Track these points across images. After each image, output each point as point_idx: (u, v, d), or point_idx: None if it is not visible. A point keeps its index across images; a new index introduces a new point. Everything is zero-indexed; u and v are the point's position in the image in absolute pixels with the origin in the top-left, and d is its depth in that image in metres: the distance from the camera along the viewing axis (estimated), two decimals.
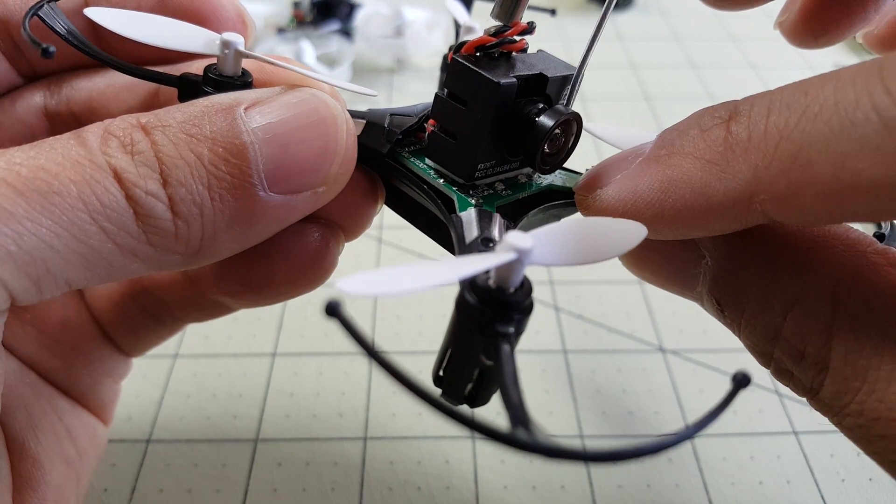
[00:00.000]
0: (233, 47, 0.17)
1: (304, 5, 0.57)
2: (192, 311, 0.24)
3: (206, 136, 0.15)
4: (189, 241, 0.16)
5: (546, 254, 0.14)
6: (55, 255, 0.14)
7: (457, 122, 0.18)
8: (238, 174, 0.15)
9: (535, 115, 0.18)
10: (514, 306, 0.14)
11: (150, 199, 0.15)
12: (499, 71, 0.17)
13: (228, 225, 0.16)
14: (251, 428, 0.31)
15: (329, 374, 0.33)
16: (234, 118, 0.16)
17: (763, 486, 0.29)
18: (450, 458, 0.30)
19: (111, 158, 0.15)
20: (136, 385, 0.32)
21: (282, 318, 0.36)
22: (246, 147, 0.15)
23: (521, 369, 0.34)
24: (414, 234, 0.40)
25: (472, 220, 0.17)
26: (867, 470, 0.30)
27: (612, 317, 0.36)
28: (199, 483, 0.29)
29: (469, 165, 0.18)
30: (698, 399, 0.32)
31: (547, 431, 0.12)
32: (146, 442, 0.30)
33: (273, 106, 0.16)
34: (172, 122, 0.15)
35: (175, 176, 0.15)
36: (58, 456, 0.21)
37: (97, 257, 0.15)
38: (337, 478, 0.29)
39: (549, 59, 0.19)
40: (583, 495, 0.29)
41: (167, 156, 0.15)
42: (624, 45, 0.61)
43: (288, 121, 0.16)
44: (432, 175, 0.19)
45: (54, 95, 0.20)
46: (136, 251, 0.15)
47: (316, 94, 0.17)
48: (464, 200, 0.18)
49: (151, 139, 0.15)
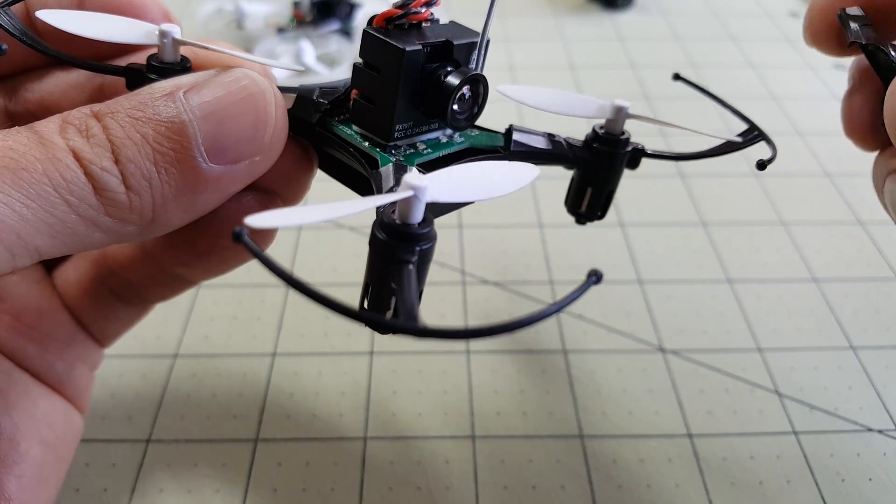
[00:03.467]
0: (170, 36, 0.20)
1: (304, 5, 0.57)
2: (155, 287, 0.26)
3: (150, 118, 0.18)
4: (142, 211, 0.18)
5: (441, 192, 0.16)
6: (26, 225, 0.16)
7: (373, 88, 0.20)
8: (180, 149, 0.18)
9: (443, 77, 0.20)
10: (416, 238, 0.16)
11: (104, 174, 0.17)
12: (407, 40, 0.19)
13: (176, 195, 0.18)
14: (251, 428, 0.31)
15: (329, 374, 0.33)
16: (175, 101, 0.18)
17: (763, 486, 0.29)
18: (450, 458, 0.30)
19: (69, 141, 0.17)
20: (136, 385, 0.32)
21: (282, 318, 0.36)
22: (185, 124, 0.18)
23: (521, 369, 0.34)
24: None
25: (389, 174, 0.19)
26: (867, 470, 0.30)
27: (612, 317, 0.36)
28: (199, 483, 0.29)
29: (387, 126, 0.20)
30: (698, 399, 0.32)
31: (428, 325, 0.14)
32: (146, 442, 0.30)
33: (208, 86, 0.18)
34: (120, 108, 0.18)
35: (125, 154, 0.17)
36: (34, 437, 0.22)
37: (63, 227, 0.17)
38: (337, 478, 0.29)
39: (457, 28, 0.21)
40: (583, 495, 0.29)
41: (117, 137, 0.17)
42: (624, 45, 0.61)
43: (222, 98, 0.18)
44: (358, 139, 0.21)
45: (12, 97, 0.22)
46: (97, 221, 0.17)
47: (247, 73, 0.19)
48: (385, 158, 0.20)
49: (103, 124, 0.17)
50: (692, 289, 0.38)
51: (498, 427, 0.31)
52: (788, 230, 0.41)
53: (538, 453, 0.30)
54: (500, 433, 0.31)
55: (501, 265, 0.39)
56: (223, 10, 0.57)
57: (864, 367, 0.34)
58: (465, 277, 0.38)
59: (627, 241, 0.40)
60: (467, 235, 0.41)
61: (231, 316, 0.36)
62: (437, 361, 0.34)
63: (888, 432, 0.31)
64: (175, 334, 0.35)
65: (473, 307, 0.37)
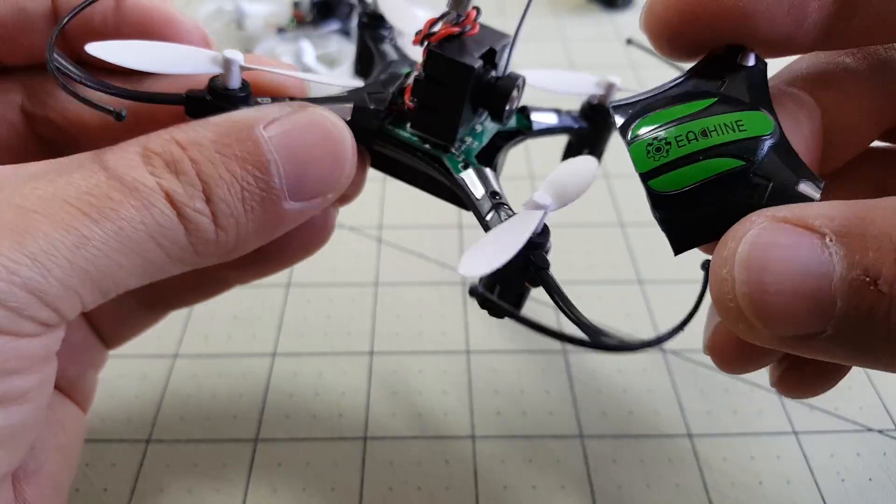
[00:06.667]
0: (237, 64, 0.19)
1: (304, 5, 0.57)
2: (189, 292, 0.26)
3: (237, 155, 0.18)
4: (226, 246, 0.18)
5: (553, 202, 0.18)
6: (121, 270, 0.17)
7: (437, 98, 0.21)
8: (266, 188, 0.18)
9: (493, 81, 0.21)
10: (543, 246, 0.19)
11: (197, 215, 0.17)
12: (466, 54, 0.20)
13: (256, 230, 0.19)
14: (251, 428, 0.31)
15: (329, 374, 0.33)
16: (257, 138, 0.18)
17: (763, 486, 0.29)
18: (450, 458, 0.30)
19: (161, 180, 0.17)
20: (136, 385, 0.32)
21: (282, 318, 0.36)
22: (270, 164, 0.18)
23: (521, 369, 0.34)
24: (414, 234, 0.41)
25: (473, 179, 0.21)
26: (867, 470, 0.30)
27: (612, 317, 0.36)
28: (199, 483, 0.29)
29: (452, 132, 0.21)
30: (698, 399, 0.32)
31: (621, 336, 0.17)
32: (146, 442, 0.30)
33: (287, 125, 0.19)
34: (205, 141, 0.18)
35: (217, 193, 0.17)
36: (52, 445, 0.22)
37: (152, 267, 0.17)
38: (337, 478, 0.29)
39: (490, 33, 0.22)
40: (583, 495, 0.29)
41: (209, 175, 0.17)
42: (624, 45, 0.61)
43: (303, 139, 0.19)
44: (417, 141, 0.22)
45: (31, 97, 0.22)
46: (184, 258, 0.18)
47: (325, 115, 0.20)
48: (454, 160, 0.22)
49: (190, 157, 0.17)
50: (692, 289, 0.38)
51: (498, 427, 0.31)
52: None
53: (538, 453, 0.30)
54: (500, 433, 0.31)
55: None
56: (223, 10, 0.57)
57: None
58: (465, 277, 0.38)
59: (627, 241, 0.40)
60: (467, 235, 0.41)
61: (231, 316, 0.36)
62: (437, 361, 0.34)
63: (888, 432, 0.31)
64: (175, 334, 0.35)
65: (473, 307, 0.37)
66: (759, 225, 0.16)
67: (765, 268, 0.15)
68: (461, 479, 0.29)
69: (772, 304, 0.15)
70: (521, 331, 0.35)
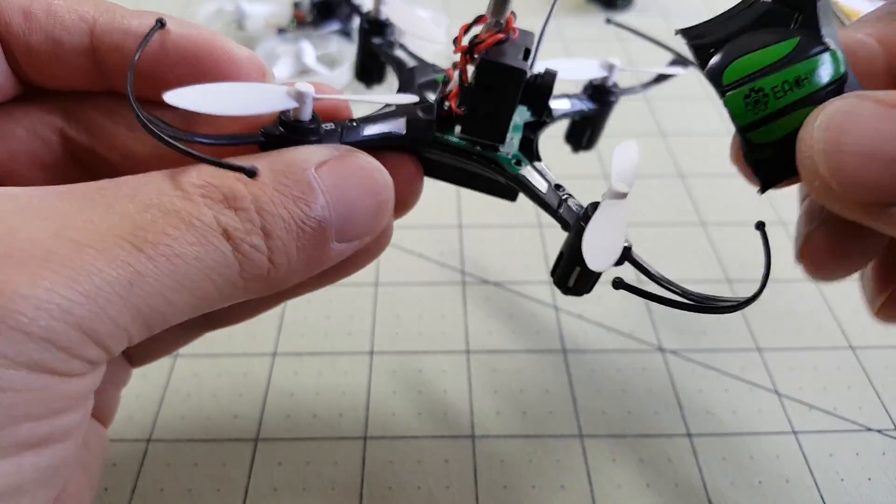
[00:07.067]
0: (309, 96, 0.19)
1: (304, 6, 0.57)
2: (237, 314, 0.26)
3: (295, 195, 0.18)
4: (274, 282, 0.19)
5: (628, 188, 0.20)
6: (171, 307, 0.17)
7: (488, 103, 0.21)
8: (318, 229, 0.18)
9: (533, 80, 0.23)
10: None
11: (254, 252, 0.17)
12: (514, 58, 0.21)
13: (304, 268, 0.19)
14: (251, 427, 0.31)
15: (329, 374, 0.33)
16: (311, 179, 0.18)
17: (762, 485, 0.29)
18: (450, 458, 0.30)
19: (219, 216, 0.17)
20: (137, 385, 0.32)
21: (282, 318, 0.36)
22: (324, 207, 0.18)
23: (520, 369, 0.34)
24: (414, 234, 0.41)
25: (533, 175, 0.22)
26: (867, 470, 0.30)
27: (612, 317, 0.36)
28: (200, 482, 0.29)
29: (502, 133, 0.22)
30: (698, 399, 0.32)
31: None
32: (146, 441, 0.30)
33: (337, 168, 0.19)
34: (265, 178, 0.18)
35: (275, 231, 0.18)
36: (77, 463, 0.22)
37: (202, 303, 0.17)
38: (337, 478, 0.29)
39: (521, 33, 0.22)
40: (583, 495, 0.29)
41: (268, 213, 0.17)
42: (624, 45, 0.61)
43: (351, 184, 0.19)
44: (468, 145, 0.23)
45: (70, 122, 0.21)
46: (233, 294, 0.18)
47: (371, 162, 0.20)
48: (507, 160, 0.23)
49: (252, 193, 0.17)
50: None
51: (498, 427, 0.31)
52: (787, 230, 0.41)
53: (537, 453, 0.30)
54: (500, 433, 0.31)
55: (501, 265, 0.39)
56: (223, 11, 0.57)
57: (863, 366, 0.34)
58: (465, 277, 0.38)
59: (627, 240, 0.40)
60: (467, 235, 0.41)
61: None
62: (437, 361, 0.34)
63: (887, 432, 0.31)
64: None
65: (473, 307, 0.37)
66: (844, 98, 0.17)
67: (844, 130, 0.16)
68: (461, 479, 0.29)
69: (848, 164, 0.16)
70: (521, 331, 0.35)
